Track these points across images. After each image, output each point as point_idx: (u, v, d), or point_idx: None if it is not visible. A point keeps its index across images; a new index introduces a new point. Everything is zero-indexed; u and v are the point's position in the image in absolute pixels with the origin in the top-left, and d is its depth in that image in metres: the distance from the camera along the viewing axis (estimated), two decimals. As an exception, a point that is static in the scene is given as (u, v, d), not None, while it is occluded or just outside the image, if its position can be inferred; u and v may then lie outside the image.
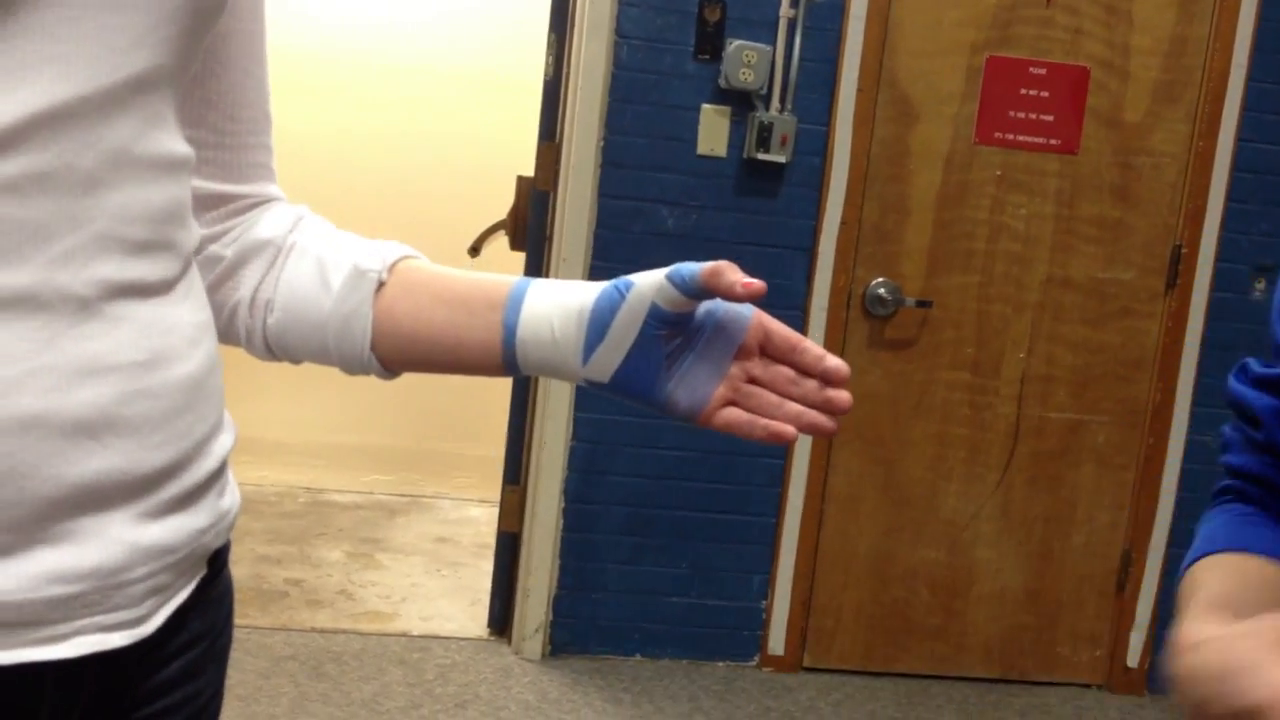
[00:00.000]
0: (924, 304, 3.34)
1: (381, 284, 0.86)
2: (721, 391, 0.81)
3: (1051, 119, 3.33)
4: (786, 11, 3.19)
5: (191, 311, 0.77)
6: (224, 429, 0.82)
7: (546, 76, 3.34)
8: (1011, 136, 3.32)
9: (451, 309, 0.85)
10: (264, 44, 0.87)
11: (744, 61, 3.15)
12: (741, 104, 3.22)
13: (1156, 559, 3.52)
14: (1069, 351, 3.43)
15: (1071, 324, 3.42)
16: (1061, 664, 3.56)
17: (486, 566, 3.79)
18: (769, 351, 0.82)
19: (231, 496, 0.84)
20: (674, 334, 0.81)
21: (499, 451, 3.57)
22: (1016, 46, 3.30)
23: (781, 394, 0.81)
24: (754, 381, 0.82)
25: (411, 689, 3.11)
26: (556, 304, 0.83)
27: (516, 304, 0.84)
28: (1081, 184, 3.37)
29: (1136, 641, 3.54)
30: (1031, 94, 3.31)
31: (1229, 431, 0.92)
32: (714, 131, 3.22)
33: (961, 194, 3.33)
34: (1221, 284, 3.42)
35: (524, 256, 3.40)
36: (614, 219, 3.24)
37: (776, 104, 3.22)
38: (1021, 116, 3.32)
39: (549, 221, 3.33)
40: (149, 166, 0.70)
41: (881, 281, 3.33)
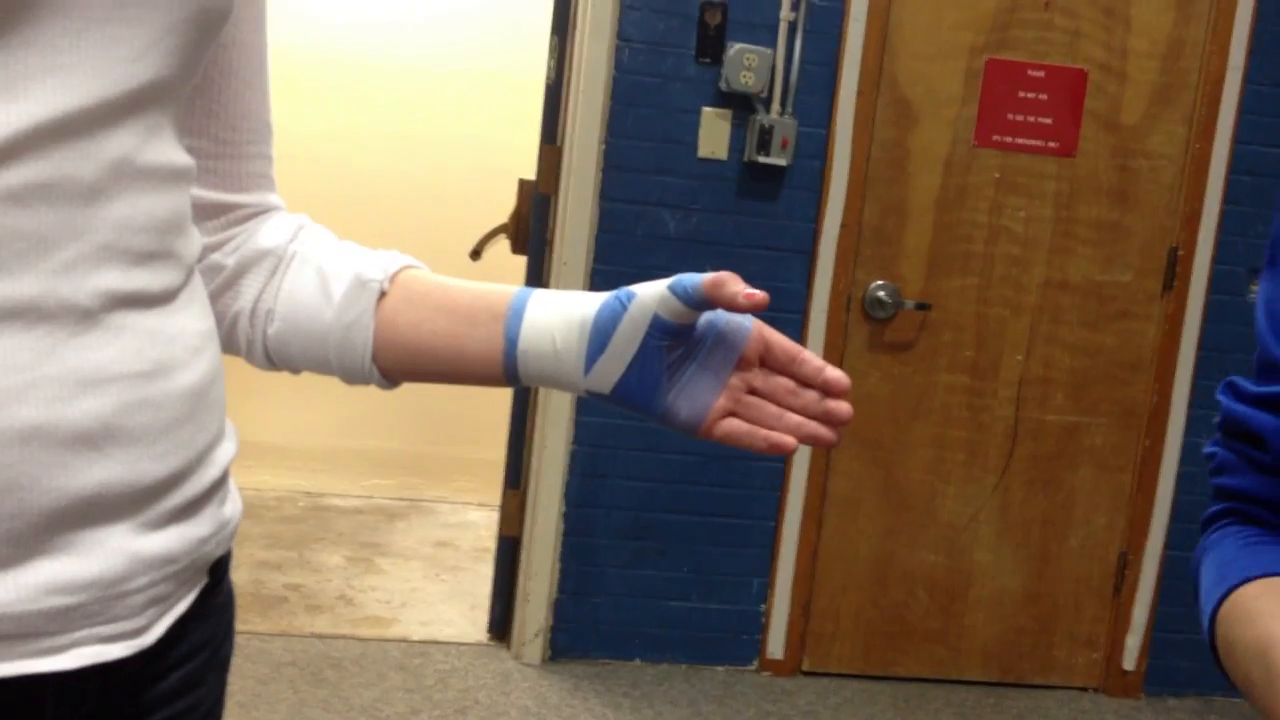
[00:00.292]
0: (923, 306, 3.34)
1: (383, 294, 0.86)
2: (722, 403, 0.81)
3: (1050, 121, 3.33)
4: (787, 14, 3.19)
5: (194, 320, 0.77)
6: (226, 438, 0.82)
7: (548, 79, 3.34)
8: (1010, 139, 3.33)
9: (453, 319, 0.85)
10: (266, 54, 0.87)
11: (745, 64, 3.16)
12: (742, 107, 3.23)
13: (1153, 562, 3.52)
14: (1067, 354, 3.43)
15: (1069, 326, 3.42)
16: (1059, 667, 3.56)
17: (486, 571, 3.78)
18: (769, 362, 0.81)
19: (233, 505, 0.84)
20: (675, 345, 0.80)
21: (499, 455, 3.57)
22: (1015, 49, 3.30)
23: (782, 405, 0.81)
24: (754, 392, 0.82)
25: (411, 695, 3.11)
26: (558, 315, 0.83)
27: (518, 314, 0.83)
28: (1079, 186, 3.37)
29: (1133, 644, 3.54)
30: (1030, 96, 3.31)
31: (1223, 454, 0.89)
32: (715, 134, 3.22)
33: (960, 196, 3.34)
34: (1218, 286, 3.43)
35: (525, 260, 3.40)
36: (615, 222, 3.24)
37: (777, 107, 3.22)
38: (1020, 119, 3.32)
39: (550, 225, 3.33)
40: (150, 177, 0.70)
41: (881, 284, 3.33)
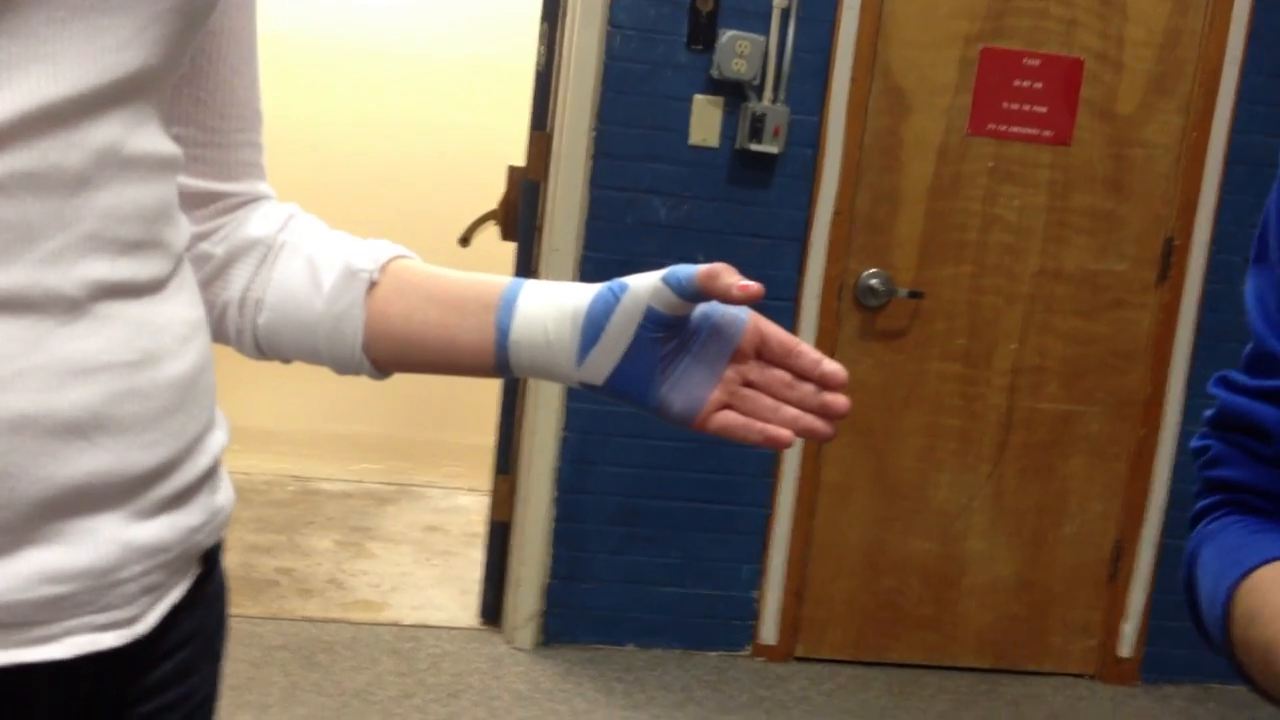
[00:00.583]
0: (916, 295, 3.34)
1: (374, 284, 0.86)
2: (717, 395, 0.81)
3: (1045, 110, 3.33)
4: (780, 1, 3.18)
5: (184, 309, 0.76)
6: (216, 426, 0.82)
7: (538, 66, 3.32)
8: (1004, 128, 3.32)
9: (444, 310, 0.84)
10: (254, 41, 0.86)
11: (737, 52, 3.14)
12: (734, 94, 3.22)
13: (1148, 549, 3.53)
14: (1061, 342, 3.43)
15: (1063, 315, 3.42)
16: (1053, 654, 3.57)
17: (476, 556, 3.78)
18: (765, 355, 0.81)
19: (225, 494, 0.84)
20: (669, 337, 0.80)
21: (489, 440, 3.57)
22: (1010, 38, 3.29)
23: (777, 398, 0.80)
24: (749, 385, 0.81)
25: (403, 678, 3.11)
26: (550, 306, 0.82)
27: (510, 305, 0.83)
28: (1074, 175, 3.37)
29: (1128, 631, 3.55)
30: (1025, 85, 3.31)
31: (1219, 446, 0.89)
32: (706, 122, 3.21)
33: (954, 185, 3.33)
34: (1214, 275, 3.43)
35: (514, 247, 3.39)
36: (605, 209, 3.23)
37: (769, 94, 3.21)
38: (1015, 108, 3.31)
39: (540, 212, 3.32)
40: (137, 166, 0.70)
41: (873, 272, 3.33)
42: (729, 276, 0.76)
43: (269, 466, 4.68)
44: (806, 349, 0.80)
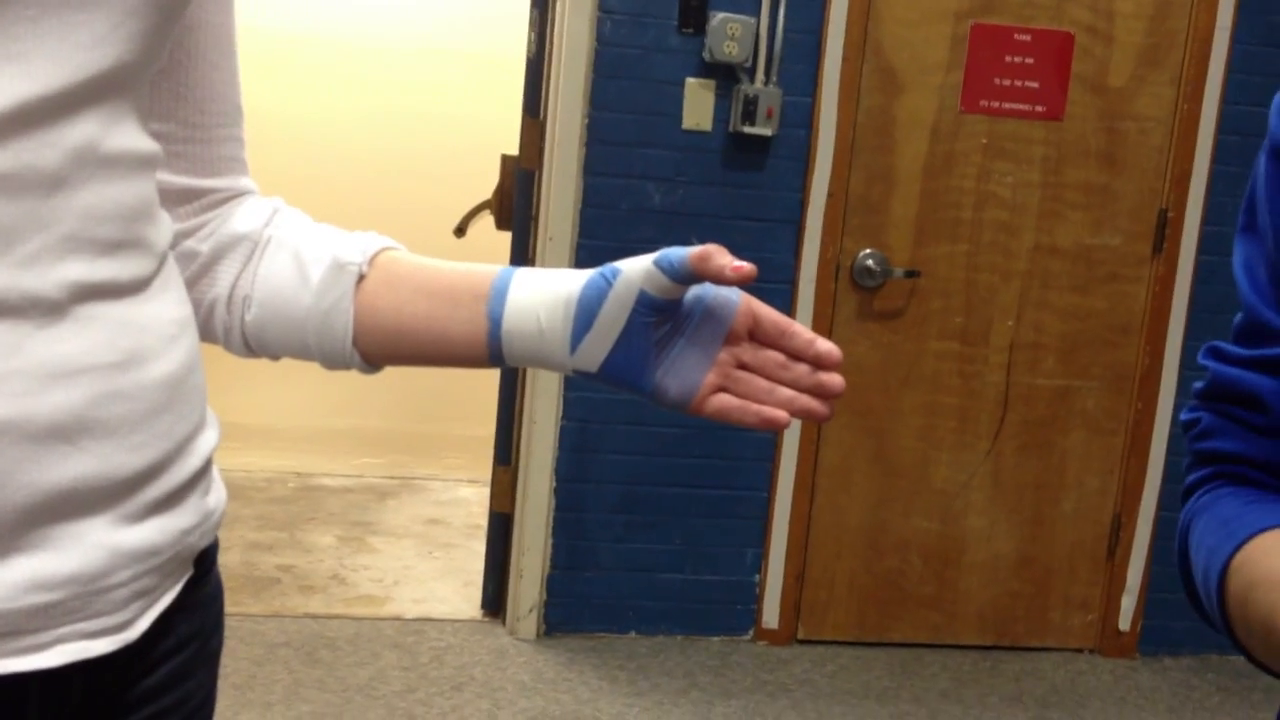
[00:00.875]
0: (912, 274, 3.33)
1: (362, 277, 0.84)
2: (712, 378, 0.80)
3: (1037, 86, 3.31)
4: (768, -18, 3.16)
5: (169, 308, 0.75)
6: (207, 426, 0.81)
7: (529, 53, 3.31)
8: (997, 104, 3.31)
9: (434, 301, 0.83)
10: (233, 35, 0.85)
11: (728, 34, 3.13)
12: (726, 77, 3.20)
13: (1147, 523, 3.53)
14: (1057, 318, 3.42)
15: (1059, 291, 3.41)
16: (1054, 630, 3.58)
17: (478, 547, 3.78)
18: (758, 336, 0.80)
19: (217, 495, 0.83)
20: (663, 320, 0.79)
21: (489, 431, 3.56)
22: (1001, 13, 3.27)
23: (772, 379, 0.79)
24: (744, 367, 0.80)
25: (407, 672, 3.11)
26: (542, 294, 0.81)
27: (501, 294, 0.82)
28: (1067, 150, 3.36)
29: (1128, 605, 3.55)
30: (1016, 61, 3.29)
31: (1210, 418, 0.88)
32: (699, 106, 3.20)
33: (948, 163, 3.32)
34: (1208, 248, 3.42)
35: (510, 236, 3.38)
36: (600, 196, 3.21)
37: (761, 76, 3.19)
38: (1007, 84, 3.30)
39: (535, 200, 3.31)
40: (115, 164, 0.69)
41: (869, 253, 3.32)
42: (721, 258, 0.75)
43: (269, 463, 4.67)
44: (800, 329, 0.79)
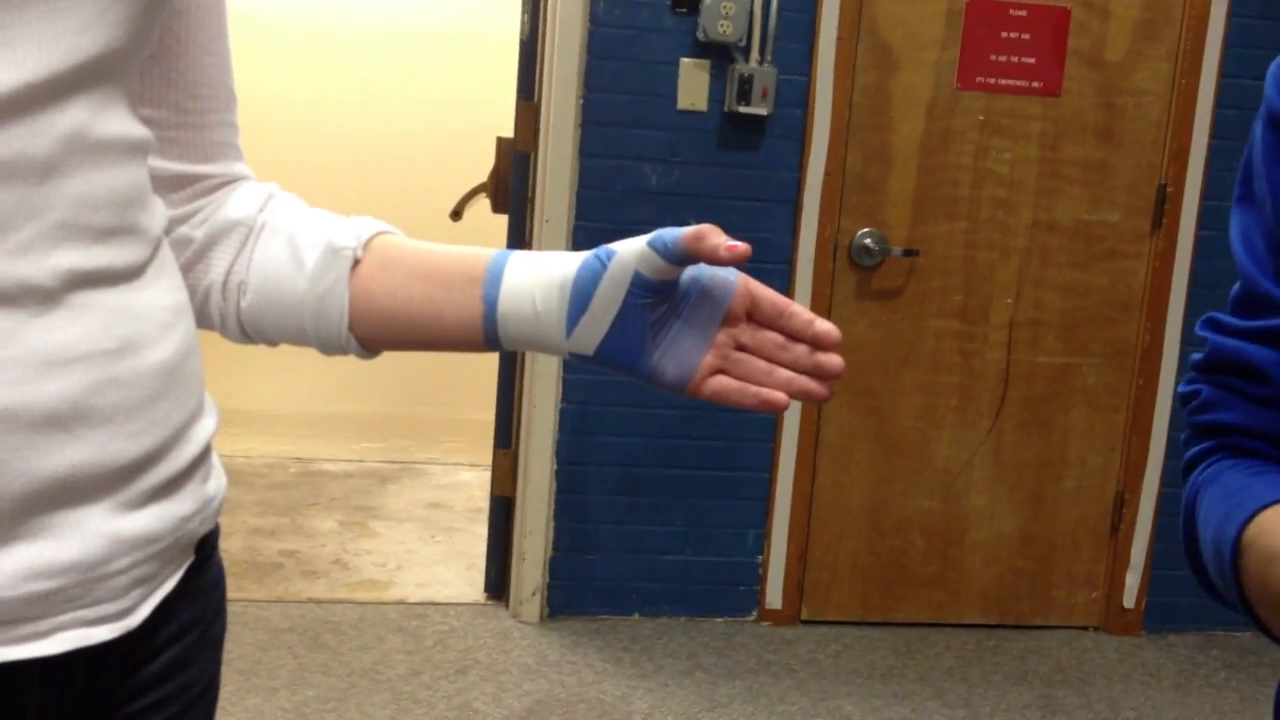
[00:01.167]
0: (910, 253, 3.32)
1: (357, 261, 0.84)
2: (709, 360, 0.79)
3: (1033, 61, 3.30)
4: (763, -39, 3.14)
5: (164, 295, 0.75)
6: (205, 413, 0.81)
7: (522, 35, 3.29)
8: (993, 80, 3.29)
9: (429, 285, 0.83)
10: (224, 18, 0.84)
11: (722, 13, 3.11)
12: (721, 57, 3.19)
13: (1150, 499, 3.53)
14: (1057, 295, 3.42)
15: (1059, 267, 3.40)
16: (1058, 607, 3.58)
17: (480, 531, 3.78)
18: (756, 317, 0.79)
19: (217, 481, 0.82)
20: (658, 302, 0.78)
21: (489, 415, 3.56)
22: (996, -11, 3.26)
23: (770, 360, 0.79)
24: (742, 348, 0.80)
25: (411, 656, 3.11)
26: (537, 276, 0.81)
27: (496, 278, 0.81)
28: (1065, 126, 3.34)
29: (1132, 582, 3.55)
30: (1012, 36, 3.28)
31: (1210, 390, 0.88)
32: (694, 86, 3.19)
33: (945, 140, 3.31)
34: (1208, 222, 3.41)
35: (506, 219, 3.37)
36: (596, 178, 3.21)
37: (756, 56, 3.18)
38: (1003, 60, 3.29)
39: (530, 183, 3.30)
40: (107, 151, 0.68)
41: (867, 231, 3.31)
42: (715, 237, 0.74)
43: (270, 449, 4.67)
44: (798, 309, 0.79)
